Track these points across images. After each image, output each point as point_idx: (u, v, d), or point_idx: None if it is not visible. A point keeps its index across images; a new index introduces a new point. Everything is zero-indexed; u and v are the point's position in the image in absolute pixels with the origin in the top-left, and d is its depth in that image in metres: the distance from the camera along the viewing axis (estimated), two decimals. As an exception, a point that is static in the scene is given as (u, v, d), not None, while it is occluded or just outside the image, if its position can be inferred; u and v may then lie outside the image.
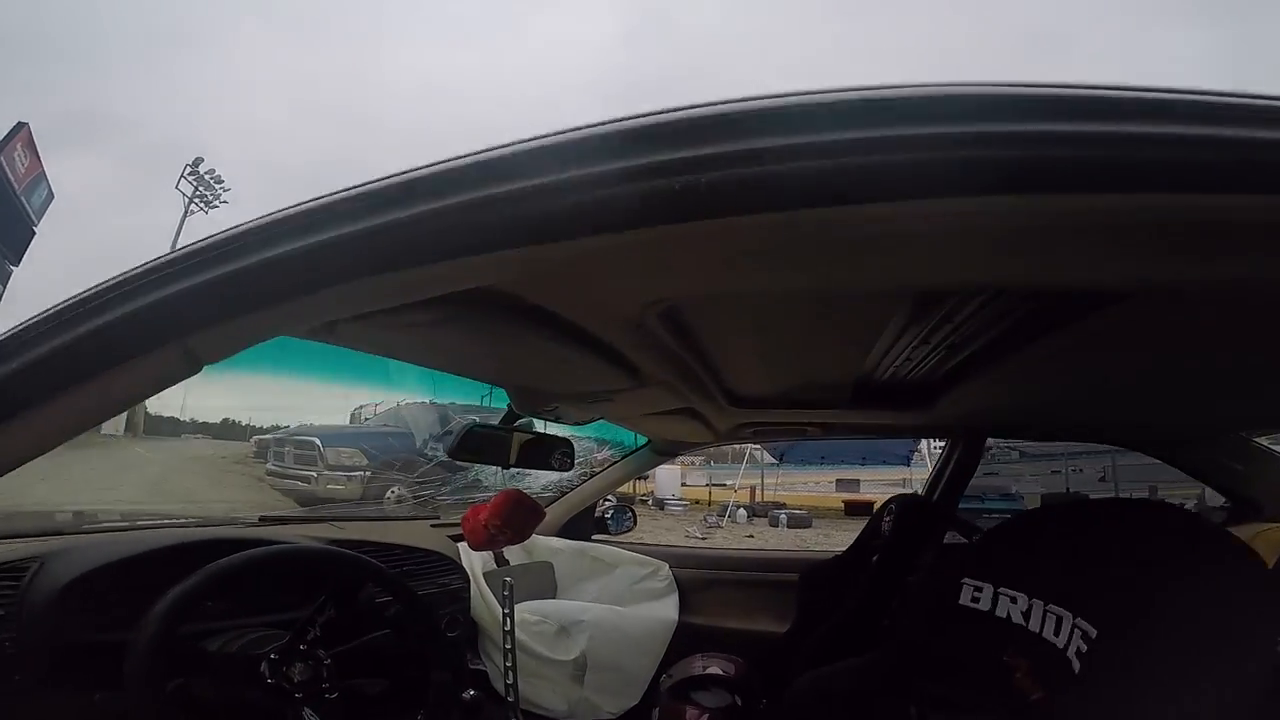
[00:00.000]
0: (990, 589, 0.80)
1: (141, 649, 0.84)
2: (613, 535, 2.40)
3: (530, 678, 1.70)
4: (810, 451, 11.87)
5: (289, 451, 7.48)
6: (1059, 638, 0.66)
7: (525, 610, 1.79)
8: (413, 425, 7.89)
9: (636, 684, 1.87)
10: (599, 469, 2.39)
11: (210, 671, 0.98)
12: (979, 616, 0.80)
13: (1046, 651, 0.68)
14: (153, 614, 0.86)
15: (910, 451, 10.94)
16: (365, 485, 7.17)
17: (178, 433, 9.81)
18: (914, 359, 1.25)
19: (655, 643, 1.94)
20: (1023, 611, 0.73)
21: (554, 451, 1.51)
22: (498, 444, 1.38)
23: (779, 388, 1.44)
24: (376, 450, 7.46)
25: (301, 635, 1.04)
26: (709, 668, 1.85)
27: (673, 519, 11.26)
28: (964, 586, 0.84)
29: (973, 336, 1.05)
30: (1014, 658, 0.73)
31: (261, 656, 0.99)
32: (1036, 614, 0.71)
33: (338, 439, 7.47)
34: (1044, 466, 9.57)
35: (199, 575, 0.92)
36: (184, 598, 0.88)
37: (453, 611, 1.68)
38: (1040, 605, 0.71)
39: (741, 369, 1.27)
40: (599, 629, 1.80)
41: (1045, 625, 0.70)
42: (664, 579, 2.16)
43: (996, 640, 0.76)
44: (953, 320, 0.96)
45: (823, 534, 9.64)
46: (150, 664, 0.84)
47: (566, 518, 2.32)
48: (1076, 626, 0.64)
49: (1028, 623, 0.73)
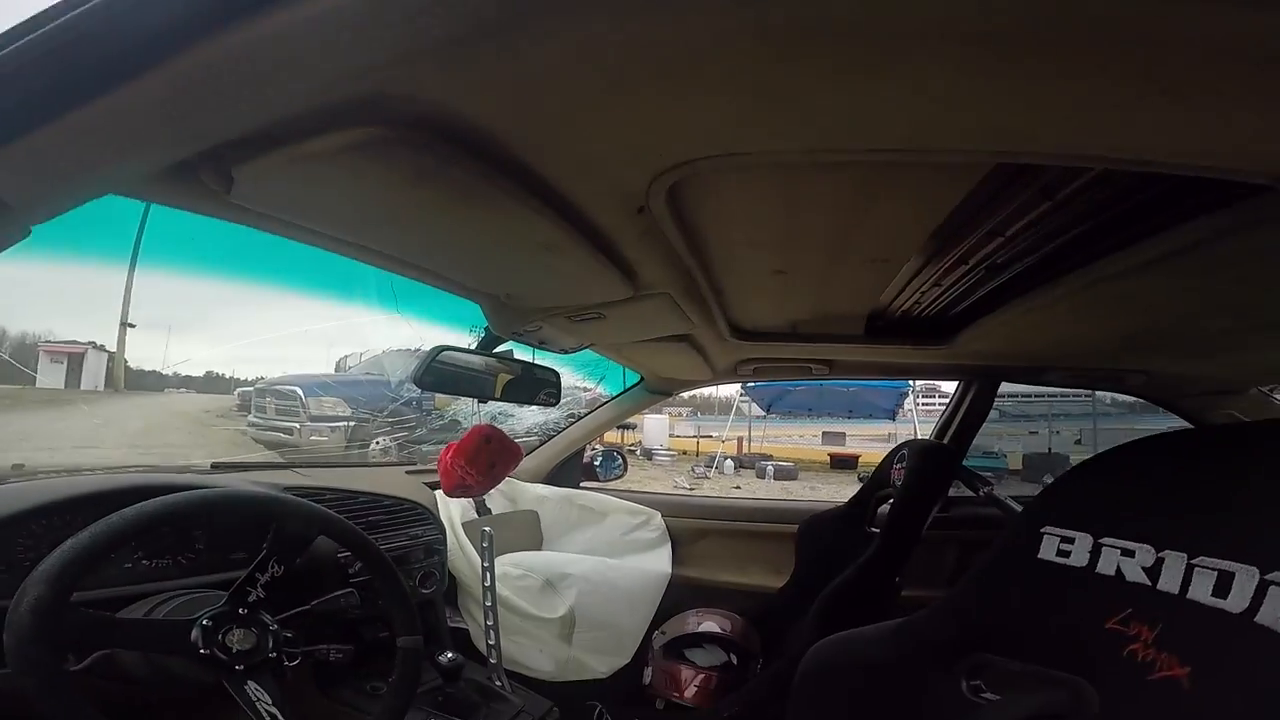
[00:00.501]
0: (1087, 539, 0.67)
1: (21, 620, 0.69)
2: (602, 481, 2.32)
3: (514, 636, 1.61)
4: (797, 403, 11.97)
5: (270, 403, 7.26)
6: (1229, 600, 0.53)
7: (508, 563, 1.68)
8: (392, 373, 7.74)
9: (628, 642, 1.80)
10: (587, 411, 2.27)
11: (132, 642, 0.85)
12: (1071, 574, 0.68)
13: (1197, 618, 0.56)
14: (34, 577, 0.72)
15: (895, 407, 11.08)
16: (349, 436, 7.03)
17: (161, 387, 9.62)
18: (942, 285, 1.14)
19: (647, 598, 1.87)
20: (1145, 567, 0.61)
21: (540, 386, 1.35)
22: (474, 374, 1.23)
23: (787, 317, 1.33)
24: (361, 398, 7.29)
25: (240, 597, 0.90)
26: (703, 624, 1.81)
27: (660, 469, 11.36)
28: (1044, 537, 0.71)
29: (1005, 266, 0.97)
30: (1131, 625, 0.60)
31: (191, 623, 0.85)
32: (1174, 571, 0.58)
33: (320, 388, 7.28)
34: (1022, 427, 9.80)
35: (96, 529, 0.76)
36: (75, 557, 0.73)
37: (427, 566, 1.54)
38: (1180, 559, 0.58)
39: (749, 291, 1.14)
40: (588, 583, 1.71)
41: (1194, 585, 0.57)
42: (656, 529, 2.09)
43: (1100, 602, 0.64)
44: (990, 244, 0.86)
45: (808, 486, 9.82)
46: (35, 637, 0.69)
47: (554, 463, 2.23)
48: (1274, 584, 0.51)
49: (1154, 581, 0.60)
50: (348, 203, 0.71)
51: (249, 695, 0.86)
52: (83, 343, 8.40)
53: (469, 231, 0.79)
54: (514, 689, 1.46)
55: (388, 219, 0.76)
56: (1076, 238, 0.81)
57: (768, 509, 2.20)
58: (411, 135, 0.54)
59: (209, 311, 9.29)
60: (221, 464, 1.53)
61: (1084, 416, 9.83)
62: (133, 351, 8.60)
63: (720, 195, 0.72)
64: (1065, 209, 0.74)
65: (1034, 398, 8.99)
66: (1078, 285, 0.87)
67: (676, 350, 1.47)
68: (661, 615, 1.90)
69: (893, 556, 1.50)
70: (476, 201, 0.67)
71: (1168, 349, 1.33)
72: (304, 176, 0.59)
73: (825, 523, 1.91)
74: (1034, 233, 0.82)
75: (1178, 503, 0.61)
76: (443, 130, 0.54)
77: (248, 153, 0.54)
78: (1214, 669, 0.54)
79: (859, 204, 0.76)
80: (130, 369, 8.73)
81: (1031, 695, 0.68)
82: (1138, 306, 0.99)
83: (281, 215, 0.74)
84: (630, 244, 0.83)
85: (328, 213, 0.76)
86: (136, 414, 7.88)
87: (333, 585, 1.17)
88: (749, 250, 0.93)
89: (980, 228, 0.82)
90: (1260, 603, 0.51)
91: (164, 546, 1.09)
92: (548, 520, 2.09)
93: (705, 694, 1.72)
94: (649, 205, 0.70)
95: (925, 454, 1.65)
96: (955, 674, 0.75)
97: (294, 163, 0.55)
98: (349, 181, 0.62)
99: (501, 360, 1.24)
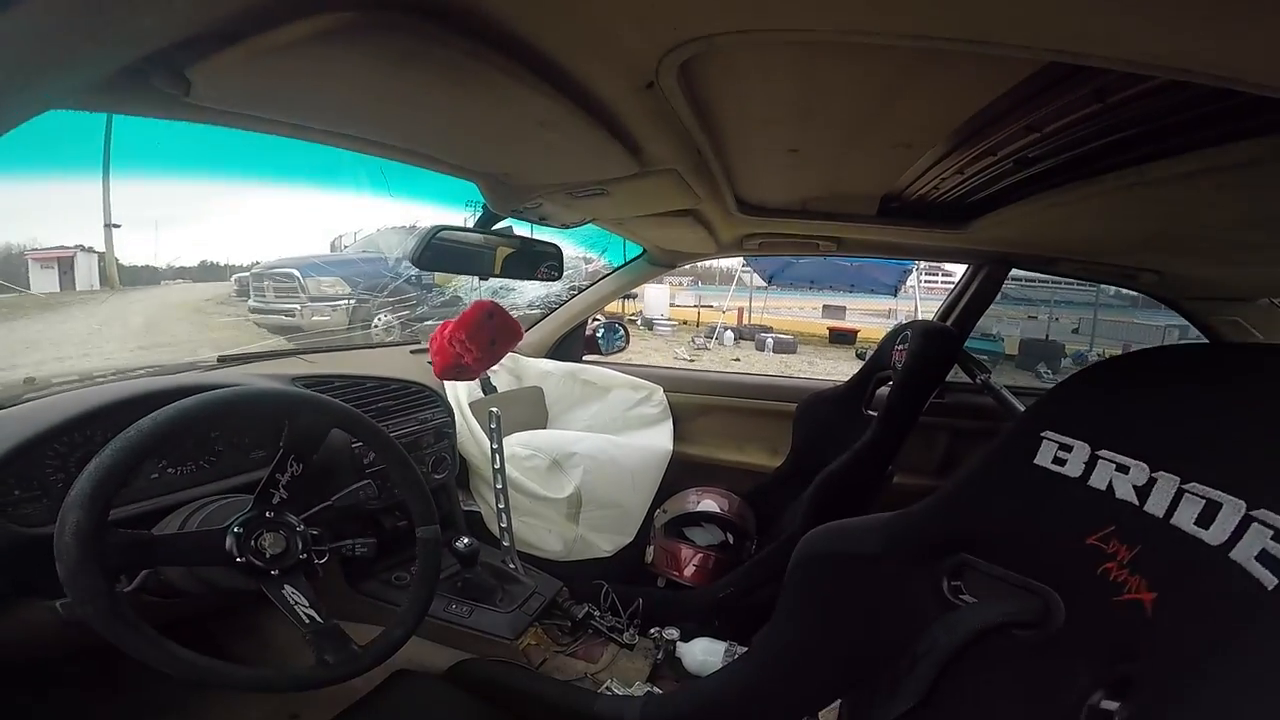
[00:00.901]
0: (1085, 449, 0.65)
1: (68, 548, 0.70)
2: (605, 354, 2.32)
3: (524, 517, 1.68)
4: (799, 276, 11.83)
5: (269, 286, 7.21)
6: (1210, 531, 0.53)
7: (516, 443, 1.72)
8: (389, 251, 7.63)
9: (631, 521, 1.87)
10: (590, 283, 2.23)
11: (172, 558, 0.87)
12: (1063, 483, 0.66)
13: (1175, 545, 0.55)
14: (69, 503, 0.72)
15: (898, 283, 10.94)
16: (351, 314, 7.05)
17: (156, 280, 9.56)
18: (965, 174, 1.07)
19: (650, 476, 1.92)
20: (1136, 486, 0.60)
21: (541, 259, 1.30)
22: (473, 251, 1.18)
23: (797, 194, 1.26)
24: (358, 277, 7.24)
25: (265, 500, 0.91)
26: (702, 503, 1.85)
27: (661, 340, 11.48)
28: (1044, 442, 0.69)
29: (1036, 160, 0.90)
30: (1110, 543, 0.60)
31: (224, 532, 0.87)
32: (1163, 493, 0.57)
33: (317, 269, 7.20)
34: (1023, 311, 9.66)
35: (117, 446, 0.75)
36: (104, 477, 0.73)
37: (438, 450, 1.57)
38: (1172, 481, 0.57)
39: (760, 168, 1.07)
40: (594, 462, 1.75)
41: (1179, 510, 0.56)
42: (658, 404, 2.11)
43: (1085, 516, 0.64)
44: (1025, 138, 0.79)
45: (806, 360, 9.97)
46: (83, 563, 0.70)
47: (556, 336, 2.21)
48: (1262, 524, 0.49)
49: (1142, 502, 0.59)
50: (321, 94, 0.64)
51: (286, 598, 0.89)
52: (70, 246, 8.21)
53: (460, 113, 0.72)
54: (526, 570, 1.54)
55: (368, 106, 0.69)
56: (1122, 140, 0.74)
57: (768, 386, 2.20)
58: (387, 17, 0.47)
59: (194, 205, 9.02)
60: (228, 357, 1.51)
61: (1085, 305, 9.70)
62: (122, 251, 8.53)
63: (737, 72, 0.64)
64: (1116, 112, 0.66)
65: (1037, 282, 8.86)
66: (1111, 186, 0.80)
67: (680, 224, 1.41)
68: (663, 494, 1.95)
69: (888, 442, 1.50)
70: (466, 81, 0.59)
71: (1189, 253, 1.27)
72: (268, 70, 0.52)
73: (823, 403, 1.89)
74: (1076, 132, 0.74)
75: (1182, 423, 0.59)
76: (423, 6, 0.47)
77: (199, 51, 0.47)
78: (1178, 598, 0.54)
79: (887, 90, 0.68)
80: (123, 266, 8.67)
81: (1005, 602, 0.70)
82: (1172, 212, 0.93)
83: (249, 112, 0.66)
84: (636, 120, 0.76)
85: (300, 105, 0.68)
86: (136, 309, 7.87)
87: (349, 478, 1.20)
88: (762, 127, 0.85)
89: (1017, 123, 0.74)
90: (1239, 538, 0.50)
91: (185, 453, 1.11)
92: (552, 396, 2.11)
93: (703, 573, 1.76)
94: (659, 81, 0.62)
95: (928, 336, 1.57)
96: (938, 573, 0.78)
97: (255, 57, 0.48)
98: (319, 72, 0.55)
99: (501, 236, 1.19)
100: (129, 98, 0.56)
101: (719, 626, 1.52)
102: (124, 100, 0.56)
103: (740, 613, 1.54)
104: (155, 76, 0.50)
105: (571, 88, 0.64)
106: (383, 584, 1.43)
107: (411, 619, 1.01)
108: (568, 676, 1.34)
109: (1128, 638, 0.56)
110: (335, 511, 1.01)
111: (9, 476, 0.90)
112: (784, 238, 1.58)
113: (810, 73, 0.65)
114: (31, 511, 0.92)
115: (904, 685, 0.73)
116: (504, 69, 0.56)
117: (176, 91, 0.52)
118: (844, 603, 0.86)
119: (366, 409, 1.36)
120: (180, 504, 0.99)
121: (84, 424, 0.97)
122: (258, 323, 7.14)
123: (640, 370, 2.26)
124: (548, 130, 0.74)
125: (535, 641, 1.38)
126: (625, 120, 0.75)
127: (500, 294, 5.08)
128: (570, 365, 2.14)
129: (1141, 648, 0.54)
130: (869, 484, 1.55)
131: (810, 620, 0.90)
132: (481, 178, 1.06)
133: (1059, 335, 9.39)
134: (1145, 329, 8.20)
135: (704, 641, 1.43)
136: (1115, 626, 0.58)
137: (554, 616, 1.46)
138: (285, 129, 0.74)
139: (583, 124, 0.72)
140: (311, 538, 0.94)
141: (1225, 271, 1.37)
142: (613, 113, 0.72)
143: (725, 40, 0.52)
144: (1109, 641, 0.58)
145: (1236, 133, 0.63)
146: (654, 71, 0.60)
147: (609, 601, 1.50)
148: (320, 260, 7.44)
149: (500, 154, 0.94)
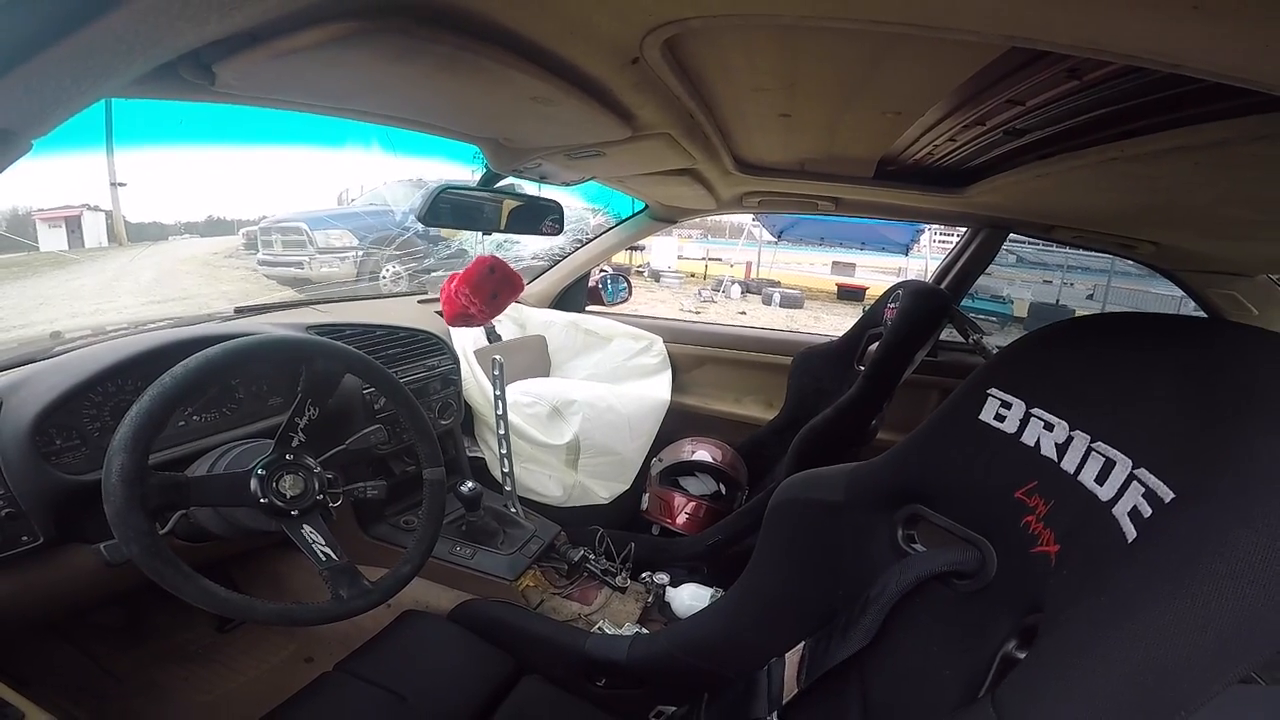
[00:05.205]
0: (1021, 407, 0.67)
1: (115, 489, 0.76)
2: (608, 305, 2.35)
3: (526, 463, 1.74)
4: (809, 232, 11.67)
5: (277, 239, 7.24)
6: (1104, 488, 0.55)
7: (517, 390, 1.77)
8: (396, 204, 7.62)
9: (629, 468, 1.93)
10: (593, 236, 2.25)
11: (204, 498, 0.92)
12: (1001, 439, 0.69)
13: (1078, 500, 0.58)
14: (114, 447, 0.77)
15: (910, 242, 10.77)
16: (359, 265, 7.09)
17: (164, 235, 9.55)
18: (957, 141, 1.09)
19: (647, 425, 1.97)
20: (1057, 443, 0.62)
21: (543, 216, 1.35)
22: (478, 208, 1.24)
23: (794, 155, 1.27)
24: (365, 230, 7.25)
25: (285, 444, 0.97)
26: (697, 453, 1.90)
27: (668, 291, 11.43)
28: (989, 399, 0.71)
29: (1024, 132, 0.91)
30: (1033, 497, 0.63)
31: (249, 474, 0.92)
32: (1076, 451, 0.60)
33: (324, 221, 7.22)
34: (1038, 274, 9.43)
35: (153, 393, 0.81)
36: (145, 422, 0.78)
37: (445, 396, 1.64)
38: (1084, 440, 0.59)
39: (755, 130, 1.08)
40: (593, 409, 1.80)
41: (1085, 467, 0.58)
42: (657, 354, 2.15)
43: (1016, 471, 0.66)
44: (1009, 110, 0.81)
45: (813, 316, 9.94)
46: (129, 504, 0.76)
47: (560, 287, 2.25)
48: (1139, 481, 0.52)
49: (1060, 459, 0.61)
50: (333, 83, 0.70)
51: (305, 537, 0.94)
52: (76, 205, 8.20)
53: (457, 94, 0.77)
54: (526, 514, 1.60)
55: (376, 89, 0.74)
56: (1101, 117, 0.76)
57: (766, 339, 2.22)
58: (390, 23, 0.52)
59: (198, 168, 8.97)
60: (245, 308, 1.56)
61: (1101, 272, 9.50)
62: (129, 209, 8.50)
63: (721, 46, 0.67)
64: (1091, 90, 0.68)
65: (1055, 247, 8.70)
66: (1094, 160, 0.82)
67: (679, 181, 1.42)
68: (660, 443, 2.00)
69: (873, 398, 1.53)
70: (460, 69, 0.64)
71: (1181, 227, 1.28)
72: (283, 65, 0.58)
73: (818, 357, 1.92)
74: (1057, 107, 0.76)
75: (1105, 386, 0.60)
76: (420, 10, 0.52)
77: (225, 50, 0.53)
78: (1074, 551, 0.56)
79: (870, 62, 0.70)
80: (130, 223, 8.67)
81: (949, 552, 0.73)
82: (1156, 186, 0.94)
83: (268, 98, 0.72)
84: (625, 91, 0.79)
85: (314, 91, 0.75)
86: (146, 264, 7.89)
87: (362, 422, 1.28)
88: (753, 94, 0.87)
89: (999, 96, 0.76)
90: (1122, 494, 0.52)
91: (210, 400, 1.17)
92: (555, 345, 2.15)
93: (694, 521, 1.81)
94: (644, 57, 0.66)
95: (917, 296, 1.61)
96: (894, 522, 0.81)
97: (273, 56, 0.54)
98: (329, 65, 0.61)
99: (505, 193, 1.24)
100: (161, 87, 0.61)
101: (706, 573, 1.58)
102: (156, 89, 0.62)
103: (726, 560, 1.60)
104: (185, 70, 0.56)
105: (560, 67, 0.67)
106: (392, 527, 1.50)
107: (418, 555, 1.07)
108: (563, 618, 1.39)
109: (1037, 589, 0.59)
110: (348, 455, 1.06)
111: (50, 427, 0.97)
112: (783, 196, 1.59)
113: (793, 47, 0.67)
114: (72, 460, 0.99)
115: (857, 627, 0.78)
116: (494, 57, 0.61)
117: (203, 83, 0.58)
118: (810, 548, 0.89)
119: (377, 356, 1.42)
120: (206, 450, 1.06)
121: (117, 374, 1.04)
122: (267, 275, 7.19)
123: (641, 321, 2.28)
124: (541, 104, 0.78)
125: (533, 583, 1.44)
126: (616, 92, 0.78)
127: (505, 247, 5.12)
128: (573, 315, 2.18)
129: (1046, 599, 0.57)
130: (851, 438, 1.59)
131: (781, 564, 0.94)
132: (482, 141, 1.10)
133: (1073, 301, 9.24)
134: (1161, 299, 8.06)
135: (691, 587, 1.49)
136: (1030, 578, 0.61)
137: (552, 559, 1.52)
138: (297, 107, 0.80)
139: (574, 97, 0.75)
140: (327, 480, 0.99)
141: (1221, 245, 1.37)
142: (603, 86, 0.76)
143: (699, 23, 0.55)
144: (1024, 592, 0.62)
145: (1208, 114, 0.64)
146: (638, 49, 0.63)
147: (604, 546, 1.55)
148: (327, 214, 7.44)
149: (498, 123, 0.98)
